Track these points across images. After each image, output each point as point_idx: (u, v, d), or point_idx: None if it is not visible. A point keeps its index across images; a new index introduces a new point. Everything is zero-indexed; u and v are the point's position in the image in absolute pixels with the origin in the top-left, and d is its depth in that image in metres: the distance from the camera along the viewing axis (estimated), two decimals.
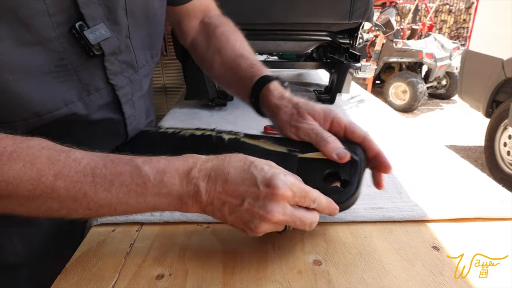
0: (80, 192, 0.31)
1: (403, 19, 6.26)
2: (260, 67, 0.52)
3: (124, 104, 0.47)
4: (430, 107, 4.94)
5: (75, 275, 0.36)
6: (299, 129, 0.42)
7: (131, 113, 0.50)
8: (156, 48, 0.53)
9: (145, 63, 0.50)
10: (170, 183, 0.33)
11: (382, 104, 0.99)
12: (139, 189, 0.33)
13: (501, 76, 2.64)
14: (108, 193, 0.32)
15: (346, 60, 0.97)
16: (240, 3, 0.85)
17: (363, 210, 0.45)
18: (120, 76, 0.45)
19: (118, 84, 0.45)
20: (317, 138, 0.40)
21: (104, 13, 0.39)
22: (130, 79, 0.47)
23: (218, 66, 0.56)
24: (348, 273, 0.35)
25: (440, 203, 0.47)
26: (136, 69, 0.48)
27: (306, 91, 1.12)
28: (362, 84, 4.52)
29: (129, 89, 0.47)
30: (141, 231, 0.42)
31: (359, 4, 0.84)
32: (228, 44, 0.56)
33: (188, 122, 0.81)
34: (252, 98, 0.50)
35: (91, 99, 0.42)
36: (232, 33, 0.58)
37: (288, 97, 0.46)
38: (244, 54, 0.55)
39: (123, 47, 0.43)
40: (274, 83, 0.48)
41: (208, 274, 0.35)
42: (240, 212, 0.33)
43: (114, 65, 0.43)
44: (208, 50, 0.58)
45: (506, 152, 2.72)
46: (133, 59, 0.47)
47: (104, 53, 0.40)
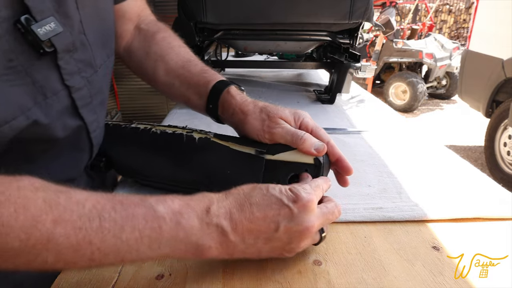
0: (84, 240, 0.27)
1: (403, 19, 6.26)
2: (212, 72, 0.50)
3: (82, 108, 0.42)
4: (430, 107, 4.94)
5: (75, 275, 0.36)
6: (274, 135, 0.41)
7: (93, 119, 0.45)
8: (110, 47, 0.49)
9: (102, 62, 0.46)
10: (188, 225, 0.30)
11: (382, 104, 0.99)
12: (154, 234, 0.29)
13: (501, 76, 2.64)
14: (117, 240, 0.28)
15: (346, 60, 0.97)
16: (240, 3, 0.85)
17: (363, 210, 0.45)
18: (77, 76, 0.40)
19: (75, 85, 0.40)
20: (293, 139, 0.40)
21: (52, 5, 0.35)
22: (88, 80, 0.42)
23: (162, 74, 0.53)
24: (348, 273, 0.35)
25: (440, 203, 0.47)
26: (95, 68, 0.44)
27: (306, 91, 1.12)
28: (362, 84, 4.52)
29: (87, 91, 0.42)
30: None
31: (359, 4, 0.84)
32: (172, 50, 0.54)
33: (188, 122, 0.81)
34: (210, 105, 0.48)
35: (49, 103, 0.37)
36: (174, 39, 0.56)
37: (251, 101, 0.45)
38: (192, 59, 0.53)
39: (78, 43, 0.40)
40: (233, 87, 0.47)
41: (208, 274, 0.35)
42: (277, 237, 0.32)
43: (70, 64, 0.39)
44: (148, 58, 0.54)
45: (506, 152, 2.72)
46: (91, 57, 0.43)
47: (57, 50, 0.36)
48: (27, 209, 0.26)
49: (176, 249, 0.30)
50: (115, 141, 0.50)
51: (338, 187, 0.51)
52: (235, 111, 0.45)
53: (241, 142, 0.43)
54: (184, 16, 0.87)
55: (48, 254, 0.26)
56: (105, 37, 0.47)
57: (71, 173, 0.46)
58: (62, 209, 0.27)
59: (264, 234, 0.32)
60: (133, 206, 0.29)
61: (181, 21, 0.88)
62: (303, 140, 0.39)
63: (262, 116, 0.42)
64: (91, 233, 0.27)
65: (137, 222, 0.29)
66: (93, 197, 0.29)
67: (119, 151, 0.50)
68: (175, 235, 0.29)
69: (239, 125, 0.44)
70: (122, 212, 0.29)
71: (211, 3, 0.84)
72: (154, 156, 0.47)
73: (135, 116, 2.90)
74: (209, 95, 0.48)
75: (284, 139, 0.40)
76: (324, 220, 0.34)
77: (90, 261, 0.28)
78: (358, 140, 0.69)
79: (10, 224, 0.25)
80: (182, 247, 0.30)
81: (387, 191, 0.50)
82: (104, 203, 0.29)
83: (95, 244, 0.27)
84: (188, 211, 0.30)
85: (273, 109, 0.43)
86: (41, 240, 0.26)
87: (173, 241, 0.30)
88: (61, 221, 0.26)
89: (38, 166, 0.39)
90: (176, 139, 0.45)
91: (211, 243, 0.30)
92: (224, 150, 0.43)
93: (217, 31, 0.92)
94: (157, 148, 0.47)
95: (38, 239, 0.26)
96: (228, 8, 0.86)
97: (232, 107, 0.45)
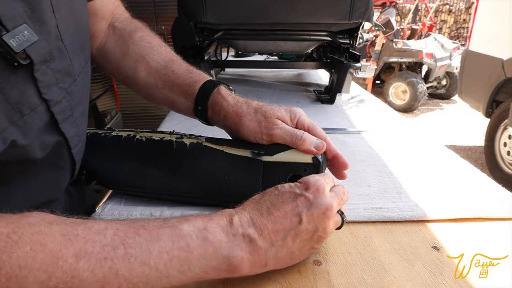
0: (111, 272, 0.25)
1: (403, 19, 6.26)
2: (198, 72, 0.48)
3: (62, 122, 0.38)
4: (430, 107, 4.94)
5: None
6: (273, 136, 0.40)
7: (74, 133, 0.40)
8: (87, 51, 0.46)
9: (80, 69, 0.42)
10: (216, 240, 0.29)
11: (382, 104, 0.99)
12: (183, 254, 0.28)
13: (501, 76, 2.64)
14: (145, 267, 0.26)
15: (346, 60, 0.97)
16: (240, 3, 0.85)
17: (363, 210, 0.45)
18: (55, 88, 0.36)
19: (53, 98, 0.35)
20: (292, 139, 0.40)
21: (24, 10, 0.30)
22: (67, 91, 0.38)
23: (143, 75, 0.50)
24: (348, 273, 0.35)
25: (440, 203, 0.47)
26: (74, 77, 0.40)
27: (306, 91, 1.12)
28: (362, 84, 4.52)
29: (67, 103, 0.38)
30: None
31: (359, 4, 0.84)
32: (153, 50, 0.51)
33: (187, 123, 0.81)
34: (198, 107, 0.46)
35: (27, 121, 0.32)
36: (153, 38, 0.53)
37: (244, 101, 0.44)
38: (174, 59, 0.51)
39: (56, 52, 0.35)
40: (222, 87, 0.45)
41: None
42: (303, 229, 0.32)
43: (47, 75, 0.34)
44: (126, 58, 0.51)
45: (506, 152, 2.72)
46: (70, 66, 0.38)
47: (33, 62, 0.31)
48: (44, 245, 0.23)
49: (207, 267, 0.29)
50: (96, 152, 0.46)
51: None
52: (228, 113, 0.43)
53: (235, 145, 0.42)
54: (184, 16, 0.87)
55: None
56: (82, 40, 0.43)
57: (52, 194, 0.41)
58: (83, 241, 0.25)
59: (290, 230, 0.32)
60: (156, 228, 0.28)
61: (181, 21, 0.88)
62: (303, 139, 0.39)
63: (258, 117, 0.41)
64: (117, 263, 0.25)
65: (163, 244, 0.27)
66: (112, 224, 0.28)
67: (101, 162, 0.46)
68: (204, 252, 0.29)
69: (233, 127, 0.43)
70: (147, 236, 0.27)
71: (211, 3, 0.84)
72: (142, 166, 0.44)
73: (135, 116, 2.90)
74: (197, 96, 0.46)
75: (284, 139, 0.40)
76: (339, 200, 0.35)
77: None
78: (358, 140, 0.69)
79: (27, 266, 0.22)
80: (214, 263, 0.29)
81: (387, 191, 0.50)
82: (125, 229, 0.27)
83: (122, 275, 0.25)
84: (213, 226, 0.30)
85: (268, 109, 0.42)
86: (63, 278, 0.23)
87: (203, 260, 0.29)
88: (84, 254, 0.24)
89: (14, 188, 0.36)
90: (165, 146, 0.43)
91: (242, 254, 0.30)
92: (219, 154, 0.42)
93: (217, 31, 0.92)
94: (145, 157, 0.44)
95: (60, 278, 0.23)
96: (228, 8, 0.86)
97: (224, 109, 0.43)
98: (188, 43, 0.91)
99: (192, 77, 0.47)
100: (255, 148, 0.41)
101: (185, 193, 0.43)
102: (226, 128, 0.45)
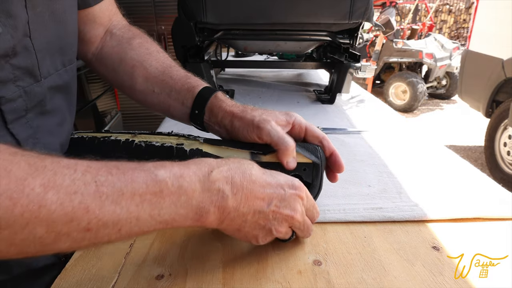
0: (81, 207, 0.24)
1: (403, 19, 6.26)
2: (196, 79, 0.49)
3: (12, 122, 0.35)
4: (430, 107, 4.94)
5: (75, 275, 0.36)
6: (261, 130, 0.39)
7: (27, 135, 0.37)
8: (69, 54, 0.44)
9: (52, 71, 0.41)
10: (190, 189, 0.29)
11: (382, 104, 0.99)
12: (154, 199, 0.27)
13: (501, 76, 2.64)
14: (116, 206, 0.26)
15: (346, 60, 0.97)
16: (240, 3, 0.85)
17: (363, 210, 0.45)
18: (11, 85, 0.34)
19: (6, 96, 0.33)
20: (279, 141, 0.39)
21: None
22: (25, 90, 0.36)
23: (141, 80, 0.50)
24: (348, 273, 0.35)
25: (440, 203, 0.47)
26: (38, 78, 0.38)
27: (306, 91, 1.12)
28: (362, 84, 4.52)
29: (23, 103, 0.36)
30: None
31: (359, 4, 0.84)
32: (151, 56, 0.51)
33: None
34: (195, 111, 0.46)
35: None
36: (151, 44, 0.54)
37: (241, 104, 0.44)
38: (173, 65, 0.51)
39: (20, 48, 0.34)
40: (220, 93, 0.46)
41: (208, 274, 0.35)
42: (265, 213, 0.33)
43: (4, 70, 0.33)
44: (123, 64, 0.51)
45: (506, 152, 2.72)
46: (34, 65, 0.37)
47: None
48: (9, 172, 0.22)
49: (176, 215, 0.29)
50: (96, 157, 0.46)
51: (338, 187, 0.51)
52: (226, 113, 0.44)
53: (234, 145, 0.42)
54: (184, 16, 0.87)
55: (38, 225, 0.23)
56: (62, 43, 0.42)
57: None
58: (51, 173, 0.23)
59: (257, 206, 0.33)
60: (130, 170, 0.27)
61: (181, 21, 0.88)
62: (287, 147, 0.38)
63: (253, 113, 0.42)
64: (87, 199, 0.24)
65: (137, 186, 0.27)
66: (82, 161, 0.26)
67: None
68: (176, 199, 0.29)
69: (228, 126, 0.43)
70: (120, 176, 0.26)
71: (211, 3, 0.84)
72: None
73: (135, 116, 2.91)
74: (195, 100, 0.46)
75: (270, 138, 0.39)
76: (303, 222, 0.36)
77: (85, 233, 0.25)
78: (358, 140, 0.69)
79: None
80: (183, 211, 0.29)
81: (387, 191, 0.50)
82: (97, 167, 0.26)
83: (93, 212, 0.24)
84: (190, 174, 0.30)
85: (265, 111, 0.43)
86: (30, 207, 0.22)
87: (174, 206, 0.29)
88: (52, 185, 0.23)
89: None
90: (165, 152, 0.42)
91: (211, 207, 0.30)
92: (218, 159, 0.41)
93: (217, 31, 0.92)
94: None
95: (26, 207, 0.22)
96: (228, 8, 0.86)
97: (222, 109, 0.44)
98: (188, 43, 0.91)
99: (191, 83, 0.48)
100: (254, 148, 0.41)
101: None
102: (221, 129, 0.45)
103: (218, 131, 0.46)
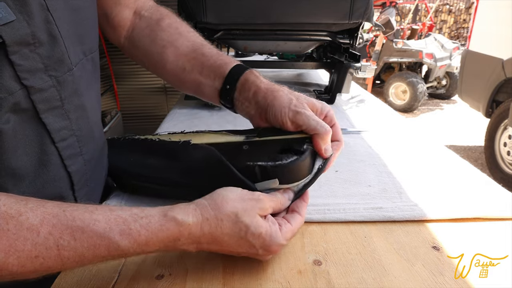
0: (43, 267, 0.27)
1: (403, 19, 6.26)
2: (229, 56, 0.49)
3: (44, 112, 0.35)
4: (430, 107, 4.94)
5: (75, 275, 0.36)
6: (299, 114, 0.39)
7: (61, 126, 0.37)
8: (87, 43, 0.43)
9: (78, 61, 0.40)
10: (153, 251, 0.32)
11: (382, 104, 0.99)
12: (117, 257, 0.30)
13: (501, 76, 2.64)
14: (77, 264, 0.29)
15: (346, 60, 0.97)
16: (240, 3, 0.85)
17: (363, 210, 0.45)
18: (42, 75, 0.34)
19: (35, 85, 0.33)
20: (317, 126, 0.38)
21: None
22: (58, 80, 0.36)
23: (172, 59, 0.50)
24: (348, 273, 0.35)
25: (440, 203, 0.47)
26: (70, 66, 0.37)
27: (306, 91, 1.12)
28: (362, 84, 4.52)
29: (56, 93, 0.36)
30: None
31: (359, 4, 0.84)
32: (181, 35, 0.51)
33: (188, 123, 0.81)
34: (227, 86, 0.45)
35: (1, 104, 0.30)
36: (181, 24, 0.53)
37: (276, 83, 0.44)
38: (204, 43, 0.51)
39: (44, 36, 0.33)
40: (254, 70, 0.45)
41: (208, 274, 0.35)
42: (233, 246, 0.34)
43: (29, 59, 0.32)
44: (154, 44, 0.51)
45: (506, 152, 2.72)
46: (64, 53, 0.36)
47: (5, 43, 0.29)
48: None
49: None
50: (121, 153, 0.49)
51: (338, 187, 0.51)
52: (260, 89, 0.43)
53: (232, 132, 0.42)
54: (184, 16, 0.87)
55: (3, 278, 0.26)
56: (79, 31, 0.40)
57: None
58: (13, 238, 0.25)
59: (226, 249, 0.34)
60: (95, 237, 0.28)
61: None
62: (327, 132, 0.38)
63: (290, 96, 0.41)
64: (49, 261, 0.27)
65: (98, 252, 0.29)
66: (47, 219, 0.27)
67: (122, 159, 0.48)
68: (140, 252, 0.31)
69: (261, 103, 0.42)
70: (83, 241, 0.28)
71: (211, 3, 0.84)
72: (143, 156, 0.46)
73: (135, 116, 2.90)
74: (227, 75, 0.45)
75: (307, 124, 0.39)
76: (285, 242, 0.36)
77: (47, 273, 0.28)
78: (358, 140, 0.69)
79: None
80: None
81: (387, 191, 0.50)
82: (61, 228, 0.27)
83: (54, 269, 0.27)
84: (155, 243, 0.31)
85: (302, 95, 0.42)
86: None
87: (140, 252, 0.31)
88: (13, 251, 0.25)
89: None
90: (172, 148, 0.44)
91: None
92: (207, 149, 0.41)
93: (217, 31, 0.92)
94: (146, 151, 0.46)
95: None
96: (228, 8, 0.86)
97: (256, 85, 0.43)
98: None
99: (223, 59, 0.47)
100: (251, 132, 0.42)
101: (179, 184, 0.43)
102: (252, 105, 0.44)
103: (248, 107, 0.45)
